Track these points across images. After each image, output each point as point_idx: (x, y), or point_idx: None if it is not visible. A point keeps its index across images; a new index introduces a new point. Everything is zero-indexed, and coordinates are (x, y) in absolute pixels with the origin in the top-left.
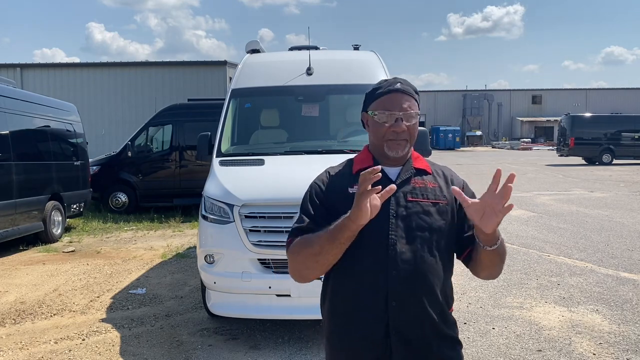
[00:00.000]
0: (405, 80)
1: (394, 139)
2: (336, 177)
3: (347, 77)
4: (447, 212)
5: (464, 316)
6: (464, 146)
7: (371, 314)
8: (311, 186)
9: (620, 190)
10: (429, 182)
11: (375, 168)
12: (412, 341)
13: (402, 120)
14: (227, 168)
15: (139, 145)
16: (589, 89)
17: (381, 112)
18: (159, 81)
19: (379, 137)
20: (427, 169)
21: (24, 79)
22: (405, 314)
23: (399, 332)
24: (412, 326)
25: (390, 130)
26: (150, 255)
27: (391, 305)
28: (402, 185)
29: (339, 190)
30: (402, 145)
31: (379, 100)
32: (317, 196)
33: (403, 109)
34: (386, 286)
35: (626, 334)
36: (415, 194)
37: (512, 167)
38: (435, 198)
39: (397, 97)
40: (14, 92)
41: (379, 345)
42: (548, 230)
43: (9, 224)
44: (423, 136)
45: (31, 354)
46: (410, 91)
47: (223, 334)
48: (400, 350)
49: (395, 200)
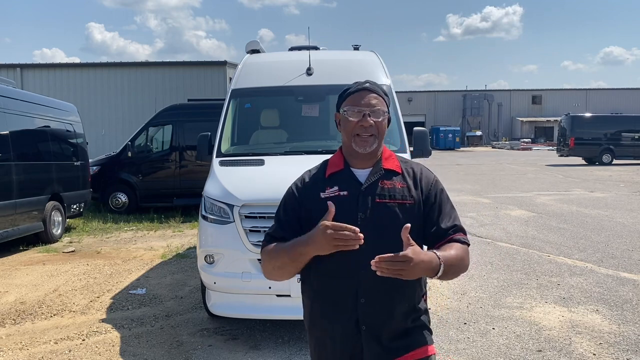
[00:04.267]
0: (375, 82)
1: (361, 133)
2: (310, 181)
3: (347, 77)
4: (414, 211)
5: (464, 316)
6: (464, 146)
7: (342, 310)
8: (287, 192)
9: (620, 191)
10: (398, 183)
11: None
12: (382, 336)
13: (370, 116)
14: (227, 168)
15: (139, 146)
16: (589, 89)
17: (350, 108)
18: (159, 81)
19: (348, 133)
20: (397, 169)
21: (24, 79)
22: (374, 310)
23: (368, 328)
24: (381, 321)
25: (358, 125)
26: (150, 256)
27: (360, 302)
28: (370, 187)
29: (312, 196)
30: (370, 142)
31: (349, 99)
32: (290, 203)
33: (370, 105)
34: (356, 284)
35: (626, 334)
36: (383, 196)
37: (512, 167)
38: (403, 198)
39: (365, 95)
40: (14, 92)
41: (351, 340)
42: (548, 230)
43: (9, 224)
44: (423, 136)
45: (31, 354)
46: (379, 91)
47: (223, 334)
48: (370, 345)
49: (363, 202)
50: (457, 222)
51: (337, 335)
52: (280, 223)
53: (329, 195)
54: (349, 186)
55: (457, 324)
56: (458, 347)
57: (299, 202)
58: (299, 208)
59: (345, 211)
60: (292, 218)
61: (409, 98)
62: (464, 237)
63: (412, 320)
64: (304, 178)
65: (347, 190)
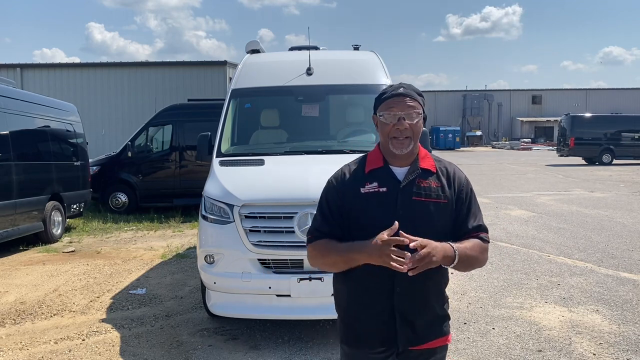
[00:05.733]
0: (410, 85)
1: (398, 136)
2: (350, 176)
3: (347, 77)
4: (447, 210)
5: (464, 316)
6: (464, 146)
7: (378, 298)
8: (327, 185)
9: (620, 191)
10: (433, 182)
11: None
12: (415, 322)
13: (405, 119)
14: (227, 168)
15: (139, 146)
16: (588, 89)
17: (386, 112)
18: (159, 81)
19: (385, 136)
20: (432, 169)
21: (24, 79)
22: (409, 299)
23: (402, 315)
24: (416, 309)
25: (394, 129)
26: (150, 256)
27: (396, 291)
28: (408, 185)
29: (352, 190)
30: (406, 144)
31: (385, 103)
32: (332, 196)
33: (405, 108)
34: (392, 275)
35: (626, 334)
36: (420, 194)
37: (512, 167)
38: (437, 197)
39: (400, 99)
40: (14, 92)
41: (386, 325)
42: (548, 230)
43: (9, 224)
44: (423, 136)
45: (31, 354)
46: (413, 94)
47: (223, 334)
48: (404, 330)
49: (402, 199)
50: (481, 222)
51: (373, 320)
52: (325, 217)
53: (369, 191)
54: (388, 183)
55: (457, 324)
56: (458, 347)
57: (340, 196)
58: (341, 201)
59: (384, 207)
60: (335, 212)
61: None
62: (485, 236)
63: (440, 308)
64: (344, 172)
65: (387, 187)
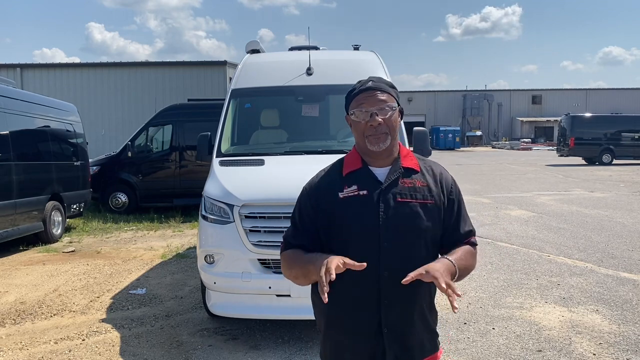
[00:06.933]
0: (380, 78)
1: (373, 134)
2: (326, 181)
3: (347, 77)
4: (435, 211)
5: (464, 316)
6: (464, 146)
7: (364, 312)
8: (301, 193)
9: (620, 191)
10: (418, 181)
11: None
12: (404, 337)
13: (377, 115)
14: (227, 168)
15: (139, 146)
16: (588, 89)
17: (357, 110)
18: (159, 81)
19: (359, 135)
20: (416, 167)
21: (24, 79)
22: (396, 311)
23: (391, 329)
24: (404, 323)
25: (368, 126)
26: (150, 256)
27: (383, 303)
28: (390, 186)
29: (329, 197)
30: (382, 139)
31: (355, 100)
32: (305, 208)
33: (376, 103)
34: (378, 286)
35: (626, 334)
36: (404, 195)
37: (512, 167)
38: (424, 198)
39: (369, 94)
40: (14, 92)
41: (373, 341)
42: (548, 230)
43: (9, 224)
44: (423, 136)
45: (31, 354)
46: (383, 86)
47: (223, 334)
48: (392, 346)
49: (384, 202)
50: (471, 227)
51: (359, 336)
52: (296, 229)
53: (349, 195)
54: (369, 185)
55: (457, 324)
56: (458, 347)
57: (313, 206)
58: (314, 212)
59: (366, 211)
60: (307, 224)
61: (409, 98)
62: (475, 240)
63: (433, 321)
64: (319, 177)
65: (367, 190)
